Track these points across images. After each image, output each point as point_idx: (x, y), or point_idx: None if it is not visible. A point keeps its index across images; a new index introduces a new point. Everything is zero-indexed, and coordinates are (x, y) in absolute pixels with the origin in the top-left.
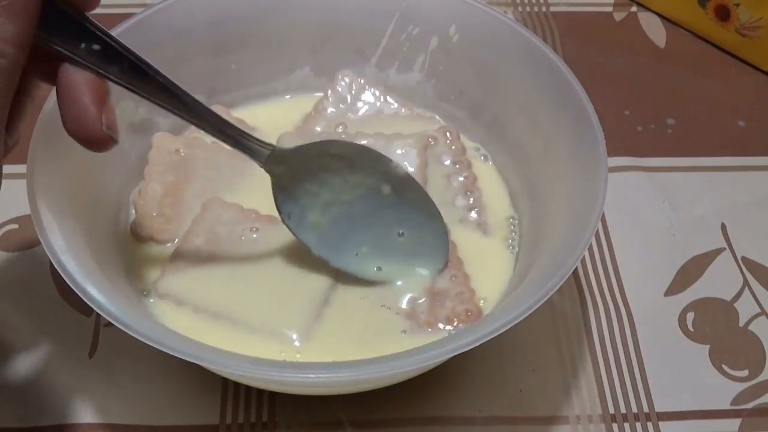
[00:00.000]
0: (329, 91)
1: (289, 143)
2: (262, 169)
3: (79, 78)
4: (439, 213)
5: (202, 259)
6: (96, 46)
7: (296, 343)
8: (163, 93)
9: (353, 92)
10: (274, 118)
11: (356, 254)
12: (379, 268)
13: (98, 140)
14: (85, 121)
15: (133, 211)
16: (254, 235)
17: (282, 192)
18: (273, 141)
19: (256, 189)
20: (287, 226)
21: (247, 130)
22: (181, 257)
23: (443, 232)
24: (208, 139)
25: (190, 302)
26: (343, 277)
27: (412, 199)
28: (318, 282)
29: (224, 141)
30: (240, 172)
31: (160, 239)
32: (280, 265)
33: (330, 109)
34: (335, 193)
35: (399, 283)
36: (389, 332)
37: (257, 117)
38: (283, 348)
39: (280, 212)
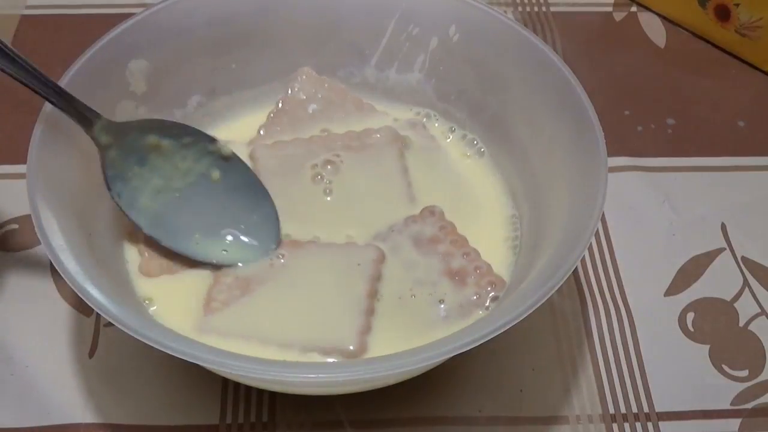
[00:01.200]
0: (289, 90)
1: (266, 156)
2: None
3: None
4: (268, 193)
5: (239, 293)
6: None
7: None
8: None
9: (313, 90)
10: None
11: (194, 241)
12: (225, 251)
13: None
14: None
15: (137, 253)
16: (282, 261)
17: (111, 168)
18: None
19: None
20: (116, 203)
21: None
22: (217, 295)
23: (273, 213)
24: None
25: (236, 333)
26: (378, 282)
27: (241, 182)
28: (356, 291)
29: (53, 103)
30: None
31: (173, 271)
32: (315, 283)
33: (288, 107)
34: (166, 179)
35: (240, 264)
36: (432, 322)
37: (257, 117)
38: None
39: (108, 188)
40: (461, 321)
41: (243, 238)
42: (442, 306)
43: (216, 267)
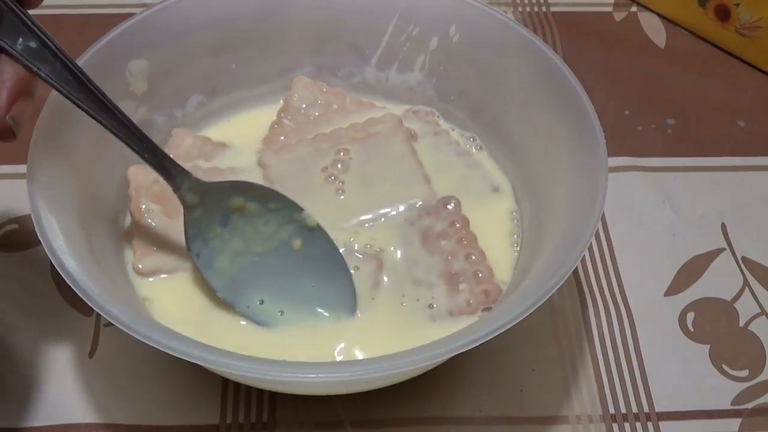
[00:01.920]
0: (288, 99)
1: (275, 162)
2: None
3: (6, 67)
4: (347, 266)
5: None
6: (33, 44)
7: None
8: (91, 101)
9: (312, 96)
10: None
11: (260, 302)
12: (282, 313)
13: None
14: None
15: (131, 250)
16: None
17: (193, 228)
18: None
19: None
20: (195, 262)
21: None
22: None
23: (350, 285)
24: (185, 161)
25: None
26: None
27: (321, 253)
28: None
29: (145, 159)
30: None
31: (167, 270)
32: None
33: (290, 117)
34: (246, 242)
35: (296, 326)
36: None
37: (257, 117)
38: None
39: (188, 248)
40: (450, 326)
41: (319, 310)
42: (431, 311)
43: None
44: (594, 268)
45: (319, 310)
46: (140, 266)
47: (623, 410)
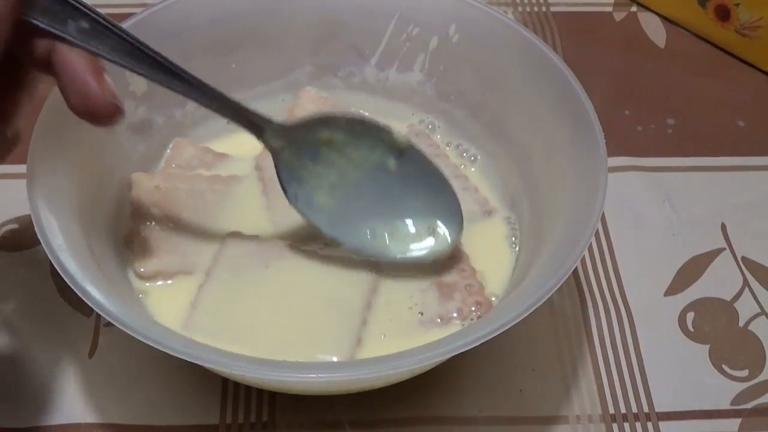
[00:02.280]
0: (292, 112)
1: (269, 164)
2: (245, 188)
3: (73, 56)
4: (448, 180)
5: (231, 293)
6: (84, 24)
7: None
8: (156, 69)
9: (315, 109)
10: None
11: (369, 236)
12: (394, 247)
13: (105, 111)
14: (87, 94)
15: (131, 251)
16: (282, 262)
17: (285, 169)
18: None
19: (243, 208)
20: (295, 208)
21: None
22: (208, 292)
23: (455, 199)
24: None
25: (225, 336)
26: (375, 294)
27: (419, 170)
28: (353, 303)
29: (222, 113)
30: (223, 196)
31: (167, 274)
32: (312, 289)
33: None
34: (340, 173)
35: (421, 254)
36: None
37: None
38: None
39: (285, 192)
40: (439, 333)
41: (429, 227)
42: (421, 317)
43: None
44: (594, 268)
45: (431, 228)
46: (142, 270)
47: (623, 410)
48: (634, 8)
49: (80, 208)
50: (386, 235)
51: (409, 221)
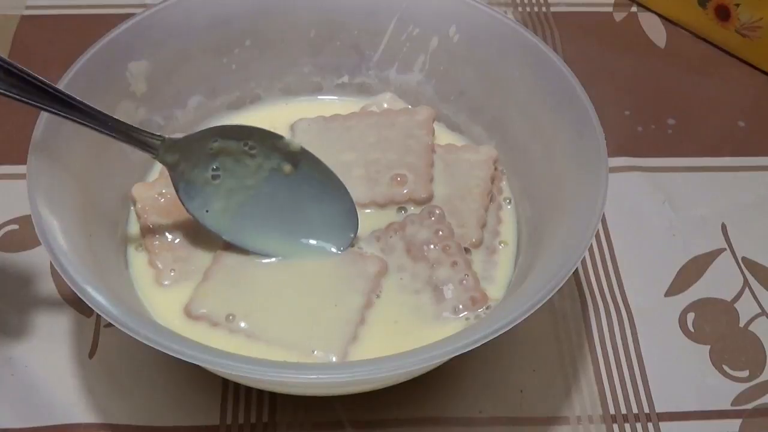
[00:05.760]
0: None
1: (304, 130)
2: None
3: None
4: (342, 183)
5: (234, 280)
6: None
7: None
8: (39, 95)
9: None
10: (274, 119)
11: (271, 237)
12: (293, 245)
13: None
14: None
15: (131, 251)
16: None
17: (182, 181)
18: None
19: None
20: (193, 215)
21: None
22: (213, 278)
23: (350, 203)
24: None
25: (225, 322)
26: (377, 294)
27: (314, 174)
28: (353, 301)
29: (114, 137)
30: None
31: (188, 278)
32: (313, 284)
33: None
34: (237, 180)
35: (308, 259)
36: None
37: (257, 118)
38: None
39: (183, 203)
40: (438, 331)
41: (323, 229)
42: (420, 315)
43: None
44: (594, 269)
45: (324, 230)
46: (166, 283)
47: (624, 411)
48: (634, 8)
49: (80, 208)
50: (287, 234)
51: (308, 221)
